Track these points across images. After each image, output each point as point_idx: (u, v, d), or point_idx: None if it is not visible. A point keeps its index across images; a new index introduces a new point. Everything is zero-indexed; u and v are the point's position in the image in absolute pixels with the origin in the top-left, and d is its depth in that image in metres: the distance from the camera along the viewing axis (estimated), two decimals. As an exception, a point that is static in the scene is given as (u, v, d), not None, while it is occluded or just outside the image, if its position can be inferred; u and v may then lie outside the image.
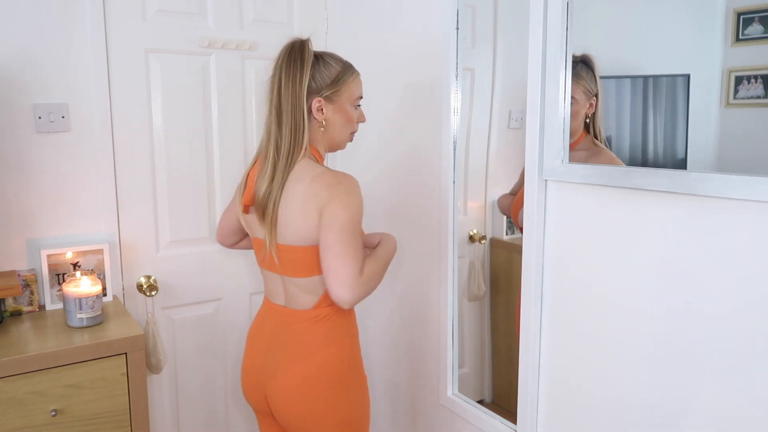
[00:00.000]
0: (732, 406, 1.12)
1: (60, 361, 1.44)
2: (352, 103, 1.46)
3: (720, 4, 1.19)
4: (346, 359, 1.43)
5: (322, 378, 1.40)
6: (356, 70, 1.47)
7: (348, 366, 1.43)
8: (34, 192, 1.73)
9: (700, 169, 1.15)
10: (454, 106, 1.79)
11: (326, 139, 1.45)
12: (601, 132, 1.40)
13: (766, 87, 1.11)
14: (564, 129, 1.39)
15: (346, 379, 1.42)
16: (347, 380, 1.43)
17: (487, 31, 1.89)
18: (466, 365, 2.02)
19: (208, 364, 2.07)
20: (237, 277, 2.09)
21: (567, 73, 1.38)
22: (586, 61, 1.38)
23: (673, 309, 1.21)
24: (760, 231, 1.05)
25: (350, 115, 1.46)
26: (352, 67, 1.46)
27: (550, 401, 1.51)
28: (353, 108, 1.47)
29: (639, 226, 1.25)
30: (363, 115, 1.51)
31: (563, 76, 1.38)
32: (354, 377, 1.45)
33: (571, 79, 1.37)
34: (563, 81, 1.38)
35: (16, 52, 1.67)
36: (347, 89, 1.44)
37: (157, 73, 1.88)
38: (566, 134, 1.40)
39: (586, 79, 1.38)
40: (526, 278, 1.50)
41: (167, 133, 1.91)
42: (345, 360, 1.43)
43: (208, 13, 1.95)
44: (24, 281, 1.68)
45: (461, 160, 1.86)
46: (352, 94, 1.45)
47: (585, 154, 1.41)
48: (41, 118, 1.71)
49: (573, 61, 1.36)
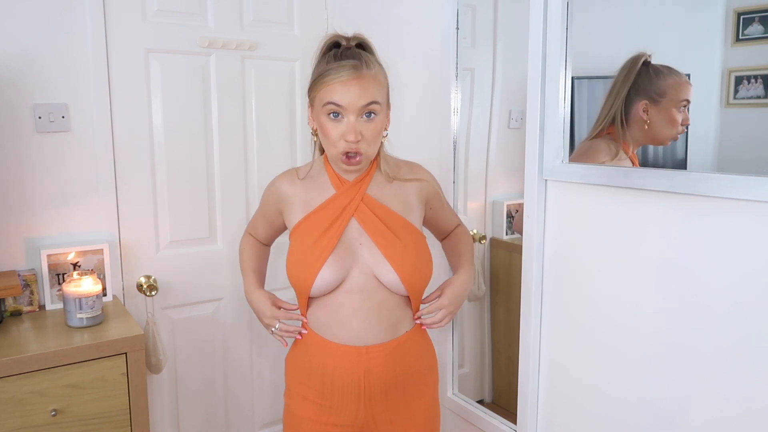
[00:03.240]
0: (730, 404, 1.13)
1: (60, 361, 1.44)
2: (323, 112, 1.24)
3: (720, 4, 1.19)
4: (290, 365, 1.43)
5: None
6: (334, 73, 1.21)
7: (287, 373, 1.44)
8: (34, 192, 1.73)
9: (700, 169, 1.15)
10: (454, 106, 1.79)
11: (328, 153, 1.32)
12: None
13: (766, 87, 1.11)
14: (564, 129, 1.39)
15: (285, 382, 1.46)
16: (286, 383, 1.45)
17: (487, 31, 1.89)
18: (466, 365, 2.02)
19: (208, 364, 2.07)
20: (237, 277, 2.09)
21: (567, 73, 1.38)
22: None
23: (672, 309, 1.21)
24: (760, 231, 1.05)
25: (323, 126, 1.25)
26: (332, 70, 1.22)
27: (550, 401, 1.51)
28: (327, 118, 1.23)
29: (639, 226, 1.25)
30: (351, 132, 1.21)
31: (563, 76, 1.38)
32: (286, 393, 1.44)
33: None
34: (563, 81, 1.38)
35: (16, 52, 1.67)
36: (317, 94, 1.25)
37: (157, 73, 1.88)
38: (566, 134, 1.40)
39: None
40: (526, 278, 1.50)
41: (167, 133, 1.91)
42: (288, 364, 1.43)
43: (208, 13, 1.95)
44: (24, 281, 1.68)
45: (461, 160, 1.86)
46: (321, 100, 1.24)
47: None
48: (41, 118, 1.71)
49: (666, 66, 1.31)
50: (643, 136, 1.33)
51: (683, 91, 1.27)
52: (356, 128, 1.22)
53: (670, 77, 1.29)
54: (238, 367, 2.13)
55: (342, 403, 1.33)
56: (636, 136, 1.34)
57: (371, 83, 1.23)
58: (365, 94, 1.22)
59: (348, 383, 1.31)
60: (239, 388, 2.14)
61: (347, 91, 1.20)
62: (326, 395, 1.33)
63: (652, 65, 1.31)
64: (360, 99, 1.21)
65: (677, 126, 1.27)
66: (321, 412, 1.34)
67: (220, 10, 1.96)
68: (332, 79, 1.20)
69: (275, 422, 2.23)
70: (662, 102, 1.29)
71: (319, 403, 1.34)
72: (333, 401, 1.33)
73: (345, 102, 1.21)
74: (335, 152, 1.25)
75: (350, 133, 1.21)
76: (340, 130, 1.23)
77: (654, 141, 1.33)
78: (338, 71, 1.20)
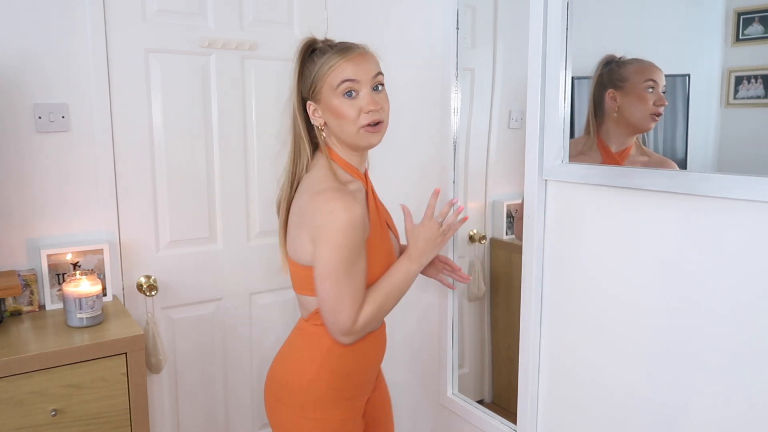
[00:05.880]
0: (731, 403, 1.13)
1: (60, 361, 1.44)
2: (336, 95, 1.27)
3: (720, 4, 1.19)
4: (306, 385, 1.31)
5: (275, 387, 1.37)
6: (338, 55, 1.27)
7: (306, 392, 1.31)
8: (35, 192, 1.73)
9: (700, 169, 1.15)
10: (454, 106, 1.79)
11: (340, 141, 1.33)
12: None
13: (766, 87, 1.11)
14: (564, 129, 1.39)
15: (293, 403, 1.32)
16: (295, 405, 1.32)
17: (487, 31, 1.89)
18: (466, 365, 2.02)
19: (208, 364, 2.07)
20: (237, 277, 2.09)
21: (567, 73, 1.38)
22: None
23: (672, 308, 1.21)
24: (760, 231, 1.05)
25: (338, 108, 1.26)
26: (333, 54, 1.27)
27: (550, 401, 1.51)
28: (341, 99, 1.26)
29: (639, 226, 1.25)
30: (370, 102, 1.25)
31: (563, 76, 1.38)
32: (311, 410, 1.31)
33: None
34: (563, 81, 1.38)
35: (17, 51, 1.67)
36: (324, 83, 1.27)
37: (157, 73, 1.88)
38: (566, 134, 1.40)
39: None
40: (526, 278, 1.50)
41: (167, 133, 1.91)
42: (304, 384, 1.31)
43: (208, 13, 1.95)
44: (24, 281, 1.68)
45: (461, 160, 1.86)
46: (331, 85, 1.26)
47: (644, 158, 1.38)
48: (41, 118, 1.71)
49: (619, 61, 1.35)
50: (617, 125, 1.36)
51: (646, 72, 1.31)
52: (373, 98, 1.27)
53: (632, 64, 1.33)
54: (238, 367, 2.13)
55: (371, 380, 1.41)
56: (612, 129, 1.36)
57: (372, 57, 1.31)
58: (373, 65, 1.30)
59: (380, 359, 1.42)
60: (239, 388, 2.14)
61: (358, 66, 1.26)
62: (367, 381, 1.39)
63: (618, 61, 1.34)
64: (370, 69, 1.28)
65: (647, 103, 1.30)
66: (356, 403, 1.38)
67: (220, 10, 1.96)
68: (339, 60, 1.26)
69: (275, 422, 2.23)
70: (626, 86, 1.33)
71: (355, 396, 1.37)
72: (369, 384, 1.40)
73: (359, 75, 1.26)
74: (355, 128, 1.27)
75: (370, 103, 1.26)
76: (357, 106, 1.26)
77: (630, 127, 1.35)
78: (343, 52, 1.27)
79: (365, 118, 1.26)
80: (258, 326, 2.14)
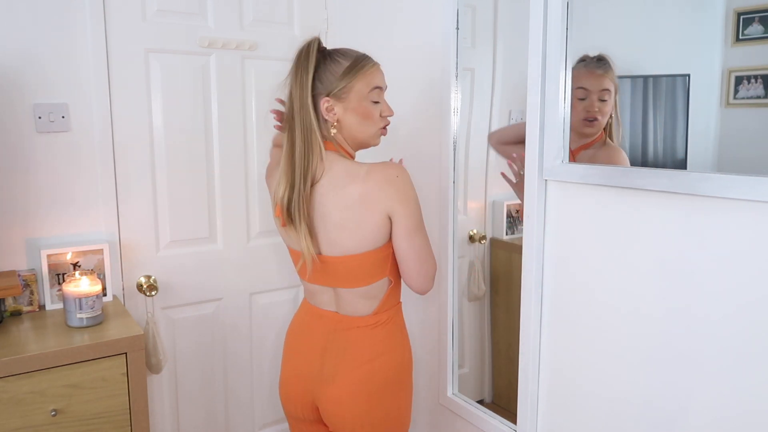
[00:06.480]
0: (731, 406, 1.12)
1: (60, 361, 1.44)
2: (364, 97, 1.37)
3: (720, 4, 1.19)
4: (402, 364, 1.46)
5: (380, 382, 1.41)
6: (369, 62, 1.39)
7: (403, 370, 1.46)
8: (34, 192, 1.73)
9: (700, 169, 1.15)
10: (454, 106, 1.79)
11: (350, 138, 1.40)
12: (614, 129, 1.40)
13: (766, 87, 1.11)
14: (564, 129, 1.39)
15: (400, 383, 1.45)
16: (401, 384, 1.46)
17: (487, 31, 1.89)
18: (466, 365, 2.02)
19: (208, 364, 2.07)
20: (237, 277, 2.09)
21: (567, 73, 1.38)
22: (602, 58, 1.38)
23: (673, 309, 1.21)
24: (760, 231, 1.05)
25: (366, 110, 1.38)
26: (363, 60, 1.38)
27: (550, 401, 1.51)
28: (370, 102, 1.38)
29: (639, 226, 1.25)
30: (388, 108, 1.42)
31: (563, 76, 1.38)
32: (406, 381, 1.48)
33: (604, 71, 1.38)
34: (563, 81, 1.38)
35: (17, 52, 1.67)
36: (355, 84, 1.36)
37: (157, 73, 1.88)
38: (566, 134, 1.40)
39: (613, 72, 1.38)
40: (526, 278, 1.50)
41: (167, 133, 1.91)
42: (400, 365, 1.45)
43: (208, 13, 1.95)
44: (24, 281, 1.68)
45: (461, 160, 1.86)
46: (362, 89, 1.37)
47: (593, 152, 1.41)
48: (41, 118, 1.71)
49: (597, 57, 1.36)
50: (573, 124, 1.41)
51: (575, 80, 1.37)
52: (389, 105, 1.44)
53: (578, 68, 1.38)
54: (238, 367, 2.13)
55: None
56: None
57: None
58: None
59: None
60: (239, 387, 2.14)
61: (381, 74, 1.42)
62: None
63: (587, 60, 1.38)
64: (384, 79, 1.44)
65: (575, 108, 1.37)
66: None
67: (220, 10, 1.96)
68: (370, 67, 1.39)
69: (275, 422, 2.23)
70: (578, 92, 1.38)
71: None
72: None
73: (383, 83, 1.42)
74: (375, 129, 1.41)
75: (389, 109, 1.43)
76: (378, 110, 1.41)
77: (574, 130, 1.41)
78: (369, 60, 1.40)
79: (383, 121, 1.42)
80: (258, 326, 2.14)
